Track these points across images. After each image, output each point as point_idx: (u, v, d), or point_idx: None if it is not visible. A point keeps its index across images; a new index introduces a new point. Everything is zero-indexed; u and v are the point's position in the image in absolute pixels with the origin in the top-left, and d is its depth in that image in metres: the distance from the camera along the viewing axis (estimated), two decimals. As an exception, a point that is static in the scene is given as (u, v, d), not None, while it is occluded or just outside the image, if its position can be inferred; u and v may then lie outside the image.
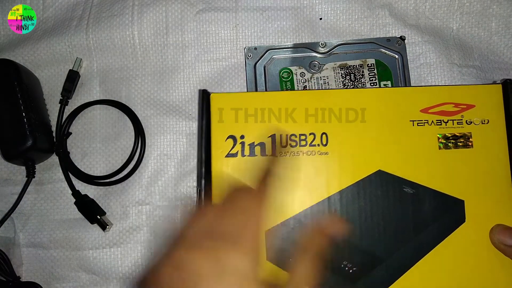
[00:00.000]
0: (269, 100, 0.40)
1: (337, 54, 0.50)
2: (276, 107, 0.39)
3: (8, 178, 0.48)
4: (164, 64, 0.51)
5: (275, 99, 0.40)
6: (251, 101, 0.40)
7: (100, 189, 0.48)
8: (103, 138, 0.49)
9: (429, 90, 0.41)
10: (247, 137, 0.38)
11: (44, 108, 0.49)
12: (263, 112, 0.39)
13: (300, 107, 0.39)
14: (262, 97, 0.40)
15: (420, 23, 0.51)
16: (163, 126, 0.49)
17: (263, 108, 0.39)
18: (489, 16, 0.51)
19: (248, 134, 0.38)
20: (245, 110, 0.39)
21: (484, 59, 0.51)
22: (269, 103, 0.39)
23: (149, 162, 0.48)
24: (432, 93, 0.40)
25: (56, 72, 0.50)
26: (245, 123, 0.39)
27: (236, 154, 0.38)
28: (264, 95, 0.41)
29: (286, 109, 0.39)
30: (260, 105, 0.39)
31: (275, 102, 0.39)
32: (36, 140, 0.45)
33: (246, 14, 0.51)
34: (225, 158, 0.38)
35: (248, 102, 0.40)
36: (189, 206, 0.44)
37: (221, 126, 0.39)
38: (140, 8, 0.51)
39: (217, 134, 0.39)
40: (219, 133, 0.39)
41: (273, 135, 0.38)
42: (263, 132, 0.38)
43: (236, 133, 0.39)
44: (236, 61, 0.51)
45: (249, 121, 0.39)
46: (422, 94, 0.40)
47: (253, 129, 0.39)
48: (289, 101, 0.39)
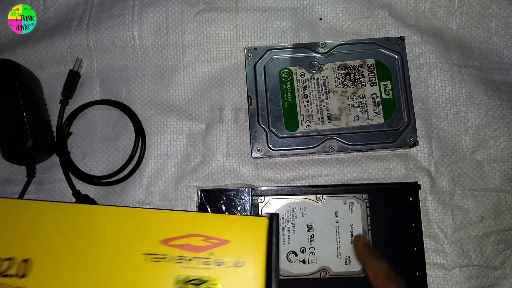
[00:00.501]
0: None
1: (337, 54, 0.50)
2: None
3: (9, 178, 0.48)
4: (164, 64, 0.51)
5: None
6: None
7: (101, 189, 0.48)
8: (104, 138, 0.49)
9: (176, 216, 0.31)
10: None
11: (44, 108, 0.49)
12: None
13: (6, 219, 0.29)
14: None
15: (419, 23, 0.52)
16: (163, 126, 0.49)
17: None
18: (488, 16, 0.51)
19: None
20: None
21: (483, 59, 0.51)
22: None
23: (149, 162, 0.49)
24: (180, 220, 0.30)
25: (57, 72, 0.50)
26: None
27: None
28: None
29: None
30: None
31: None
32: (36, 140, 0.45)
33: (246, 14, 0.51)
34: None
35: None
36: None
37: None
38: (141, 8, 0.51)
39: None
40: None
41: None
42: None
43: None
44: (236, 61, 0.51)
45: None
46: (167, 220, 0.30)
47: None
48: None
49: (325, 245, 0.45)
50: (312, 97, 0.49)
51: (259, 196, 0.46)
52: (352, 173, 0.48)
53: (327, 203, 0.46)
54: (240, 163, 0.49)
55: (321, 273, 0.45)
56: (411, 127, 0.48)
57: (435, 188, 0.48)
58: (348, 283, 0.44)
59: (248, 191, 0.46)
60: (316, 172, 0.48)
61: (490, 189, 0.48)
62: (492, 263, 0.47)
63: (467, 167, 0.48)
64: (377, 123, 0.48)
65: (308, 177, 0.48)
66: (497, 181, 0.48)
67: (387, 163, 0.49)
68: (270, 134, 0.48)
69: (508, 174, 0.48)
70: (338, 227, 0.46)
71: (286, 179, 0.49)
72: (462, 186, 0.48)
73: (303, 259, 0.45)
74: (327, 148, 0.47)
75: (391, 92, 0.49)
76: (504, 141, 0.48)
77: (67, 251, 0.29)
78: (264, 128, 0.48)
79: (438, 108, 0.50)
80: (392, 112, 0.48)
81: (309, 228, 0.46)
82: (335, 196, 0.46)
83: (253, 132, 0.48)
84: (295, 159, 0.49)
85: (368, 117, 0.48)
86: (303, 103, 0.48)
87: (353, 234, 0.45)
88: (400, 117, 0.48)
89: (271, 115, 0.48)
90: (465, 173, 0.48)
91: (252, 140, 0.48)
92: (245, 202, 0.46)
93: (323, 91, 0.49)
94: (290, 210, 0.46)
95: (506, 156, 0.48)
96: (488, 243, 0.47)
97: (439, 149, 0.49)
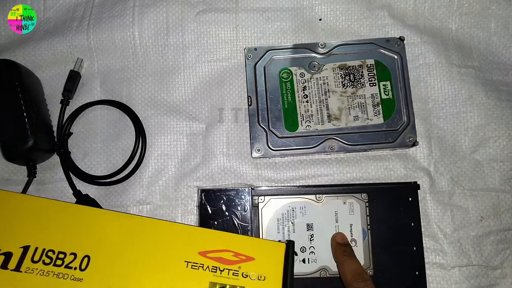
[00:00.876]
0: (45, 207, 0.35)
1: (336, 55, 0.50)
2: (49, 213, 0.34)
3: (10, 178, 0.48)
4: (164, 64, 0.51)
5: (52, 208, 0.35)
6: (19, 203, 0.35)
7: (101, 188, 0.48)
8: (104, 138, 0.49)
9: (214, 234, 0.37)
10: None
11: (45, 108, 0.49)
12: (29, 216, 0.34)
13: (72, 221, 0.34)
14: (37, 203, 0.35)
15: (419, 24, 0.52)
16: (164, 126, 0.50)
17: (33, 211, 0.34)
18: (488, 16, 0.51)
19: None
20: (7, 209, 0.34)
21: (483, 60, 0.51)
22: (42, 209, 0.34)
23: (149, 162, 0.49)
24: (216, 237, 0.37)
25: (57, 73, 0.50)
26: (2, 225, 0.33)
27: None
28: (42, 202, 0.36)
29: (62, 219, 0.34)
30: (30, 209, 0.34)
31: (45, 209, 0.34)
32: (37, 140, 0.45)
33: (246, 15, 0.51)
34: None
35: (15, 203, 0.34)
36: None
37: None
38: (141, 9, 0.51)
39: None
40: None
41: (27, 247, 0.33)
42: (16, 239, 0.33)
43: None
44: (236, 62, 0.51)
45: (6, 222, 0.33)
46: (206, 236, 0.37)
47: (7, 233, 0.33)
48: (64, 213, 0.35)
49: (325, 244, 0.45)
50: (312, 97, 0.49)
51: (259, 196, 0.46)
52: (351, 173, 0.49)
53: (327, 203, 0.46)
54: (240, 163, 0.49)
55: (320, 273, 0.45)
56: (411, 127, 0.48)
57: (435, 188, 0.48)
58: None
59: (248, 191, 0.46)
60: (316, 172, 0.49)
61: (490, 189, 0.48)
62: (491, 263, 0.47)
63: (466, 167, 0.49)
64: (377, 123, 0.48)
65: (308, 177, 0.49)
66: (497, 181, 0.48)
67: (386, 163, 0.49)
68: (270, 134, 0.48)
69: (507, 174, 0.48)
70: (338, 226, 0.46)
71: (286, 179, 0.49)
72: (461, 186, 0.48)
73: (303, 258, 0.45)
74: (327, 148, 0.48)
75: (390, 92, 0.49)
76: (504, 141, 0.49)
77: (121, 254, 0.35)
78: (264, 128, 0.48)
79: (438, 108, 0.50)
80: (392, 112, 0.48)
81: (309, 227, 0.46)
82: (335, 196, 0.46)
83: (253, 132, 0.48)
84: (295, 159, 0.49)
85: (368, 117, 0.48)
86: (303, 103, 0.49)
87: (352, 234, 0.46)
88: (400, 117, 0.48)
89: (271, 115, 0.48)
90: (465, 173, 0.49)
91: (252, 140, 0.48)
92: (245, 202, 0.46)
93: (323, 91, 0.49)
94: (290, 210, 0.46)
95: (506, 156, 0.48)
96: (488, 243, 0.47)
97: (439, 149, 0.49)
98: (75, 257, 0.33)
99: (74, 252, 0.33)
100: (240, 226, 0.45)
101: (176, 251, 0.36)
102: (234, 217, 0.45)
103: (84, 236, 0.34)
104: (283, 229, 0.46)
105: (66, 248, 0.34)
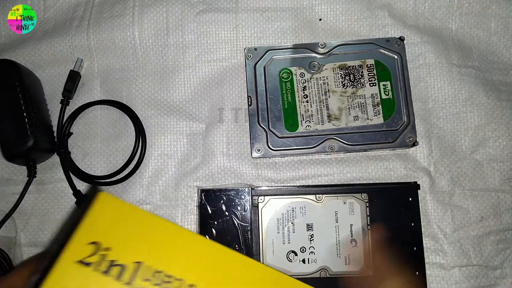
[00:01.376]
0: (161, 227, 0.34)
1: (336, 55, 0.50)
2: (164, 236, 0.34)
3: (9, 178, 0.48)
4: (164, 64, 0.51)
5: (169, 230, 0.34)
6: (139, 218, 0.34)
7: (101, 188, 0.48)
8: (104, 138, 0.49)
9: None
10: (113, 252, 0.33)
11: (45, 108, 0.49)
12: (146, 233, 0.34)
13: (185, 246, 0.34)
14: (155, 222, 0.35)
15: (419, 24, 0.52)
16: (164, 126, 0.50)
17: (149, 229, 0.34)
18: (488, 16, 0.51)
19: (116, 249, 0.33)
20: (129, 222, 0.34)
21: (483, 60, 0.51)
22: (158, 229, 0.34)
23: (149, 162, 0.49)
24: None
25: (57, 73, 0.50)
26: (119, 236, 0.34)
27: (90, 265, 0.32)
28: (161, 222, 0.39)
29: (175, 243, 0.34)
30: (148, 226, 0.34)
31: (166, 231, 0.34)
32: (37, 140, 0.45)
33: (246, 15, 0.51)
34: (74, 263, 0.32)
35: (136, 217, 0.34)
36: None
37: (91, 227, 0.34)
38: (141, 9, 0.51)
39: (82, 232, 0.33)
40: (85, 233, 0.33)
41: (140, 263, 0.33)
42: (132, 254, 0.33)
43: (103, 241, 0.33)
44: (236, 62, 0.51)
45: (126, 235, 0.34)
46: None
47: (125, 246, 0.33)
48: (184, 239, 0.34)
49: (325, 244, 0.45)
50: (312, 97, 0.49)
51: (259, 196, 0.46)
52: (351, 173, 0.49)
53: (327, 203, 0.46)
54: (240, 163, 0.49)
55: (320, 273, 0.45)
56: (411, 127, 0.48)
57: (435, 188, 0.48)
58: (347, 282, 0.44)
59: (248, 191, 0.46)
60: (316, 172, 0.49)
61: (490, 189, 0.48)
62: (491, 263, 0.47)
63: (466, 167, 0.49)
64: (377, 123, 0.48)
65: (308, 177, 0.49)
66: (497, 181, 0.48)
67: (386, 163, 0.49)
68: (270, 134, 0.48)
69: (507, 174, 0.48)
70: (338, 226, 0.46)
71: (286, 179, 0.49)
72: (461, 186, 0.48)
73: (303, 258, 0.45)
74: (327, 148, 0.48)
75: (390, 92, 0.49)
76: (504, 141, 0.49)
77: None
78: (264, 128, 0.48)
79: (438, 108, 0.50)
80: (392, 112, 0.48)
81: (309, 227, 0.46)
82: (335, 196, 0.46)
83: (253, 132, 0.48)
84: (295, 159, 0.49)
85: (368, 117, 0.48)
86: (303, 103, 0.49)
87: (352, 234, 0.46)
88: (400, 117, 0.48)
89: (271, 115, 0.48)
90: (465, 173, 0.49)
91: (252, 140, 0.48)
92: (245, 202, 0.46)
93: (323, 91, 0.49)
94: (290, 210, 0.46)
95: (506, 156, 0.48)
96: (488, 243, 0.47)
97: (439, 149, 0.49)
98: (181, 284, 0.33)
99: (181, 278, 0.33)
100: (240, 226, 0.45)
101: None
102: (234, 217, 0.45)
103: (194, 264, 0.34)
104: (283, 229, 0.46)
105: (174, 272, 0.33)
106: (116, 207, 0.36)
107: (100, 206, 0.35)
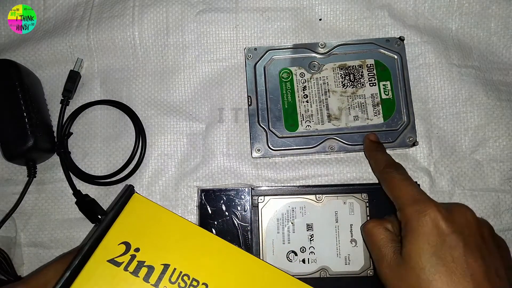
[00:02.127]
0: (188, 230, 0.36)
1: (336, 55, 0.50)
2: (190, 239, 0.35)
3: (9, 178, 0.48)
4: (164, 64, 0.51)
5: (195, 234, 0.36)
6: (169, 221, 0.36)
7: (101, 188, 0.48)
8: (104, 138, 0.49)
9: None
10: (142, 253, 0.34)
11: (45, 108, 0.49)
12: (174, 236, 0.35)
13: (215, 253, 0.35)
14: (183, 225, 0.36)
15: (419, 24, 0.52)
16: (164, 126, 0.50)
17: (177, 232, 0.35)
18: (488, 16, 0.51)
19: (145, 250, 0.34)
20: (159, 224, 0.35)
21: (483, 60, 0.51)
22: (186, 232, 0.35)
23: (149, 162, 0.49)
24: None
25: (57, 73, 0.50)
26: (149, 237, 0.35)
27: (120, 264, 0.33)
28: (188, 226, 0.37)
29: (201, 247, 0.35)
30: (176, 229, 0.35)
31: (193, 235, 0.35)
32: (37, 140, 0.45)
33: (246, 14, 0.51)
34: (106, 262, 0.34)
35: (165, 220, 0.36)
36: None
37: (123, 227, 0.35)
38: (141, 8, 0.51)
39: (114, 233, 0.35)
40: (117, 233, 0.34)
41: (167, 265, 0.34)
42: (160, 256, 0.34)
43: (133, 242, 0.34)
44: (236, 62, 0.51)
45: (155, 237, 0.35)
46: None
47: (153, 247, 0.34)
48: (208, 243, 0.36)
49: (325, 244, 0.45)
50: (312, 97, 0.49)
51: (259, 196, 0.46)
52: (351, 173, 0.49)
53: (327, 203, 0.46)
54: (240, 163, 0.49)
55: (320, 273, 0.45)
56: (411, 127, 0.48)
57: (435, 188, 0.48)
58: (347, 282, 0.44)
59: (248, 191, 0.46)
60: (316, 172, 0.49)
61: (490, 189, 0.48)
62: (491, 263, 0.47)
63: (466, 167, 0.49)
64: (377, 123, 0.48)
65: (308, 177, 0.49)
66: (497, 181, 0.48)
67: (386, 163, 0.49)
68: (270, 134, 0.48)
69: (507, 174, 0.48)
70: (338, 227, 0.46)
71: (286, 179, 0.49)
72: (461, 186, 0.48)
73: (303, 258, 0.45)
74: (327, 148, 0.48)
75: (390, 92, 0.49)
76: (504, 141, 0.49)
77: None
78: (264, 128, 0.48)
79: (438, 108, 0.50)
80: (392, 112, 0.48)
81: (309, 227, 0.46)
82: (335, 196, 0.46)
83: (253, 132, 0.48)
84: (295, 159, 0.49)
85: (368, 117, 0.48)
86: (303, 103, 0.49)
87: (352, 234, 0.46)
88: (400, 117, 0.48)
89: (271, 115, 0.48)
90: (465, 173, 0.49)
91: (252, 140, 0.48)
92: (245, 202, 0.46)
93: (323, 91, 0.49)
94: (290, 210, 0.46)
95: (506, 156, 0.48)
96: (488, 243, 0.47)
97: (439, 149, 0.49)
98: (193, 282, 0.34)
99: (206, 283, 0.34)
100: (240, 226, 0.45)
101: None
102: (234, 217, 0.45)
103: (218, 270, 0.35)
104: (283, 229, 0.46)
105: (199, 276, 0.34)
106: (148, 209, 0.36)
107: (133, 207, 0.35)
